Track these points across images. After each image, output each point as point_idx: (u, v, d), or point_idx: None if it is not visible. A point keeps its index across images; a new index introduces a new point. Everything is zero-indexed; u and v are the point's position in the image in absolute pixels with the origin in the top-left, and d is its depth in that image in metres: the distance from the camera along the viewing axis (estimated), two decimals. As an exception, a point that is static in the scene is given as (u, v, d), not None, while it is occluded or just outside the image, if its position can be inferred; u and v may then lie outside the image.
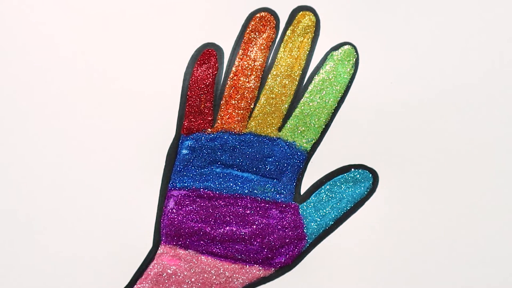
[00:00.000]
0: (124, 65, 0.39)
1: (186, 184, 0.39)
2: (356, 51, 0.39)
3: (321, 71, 0.39)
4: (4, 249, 0.39)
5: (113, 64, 0.39)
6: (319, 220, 0.38)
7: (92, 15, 0.39)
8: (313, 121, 0.39)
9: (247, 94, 0.39)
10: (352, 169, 0.39)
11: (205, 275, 0.38)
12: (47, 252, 0.38)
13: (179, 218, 0.38)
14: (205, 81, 0.39)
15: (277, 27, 0.39)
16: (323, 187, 0.39)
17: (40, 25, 0.39)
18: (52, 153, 0.39)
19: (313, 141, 0.39)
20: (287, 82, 0.39)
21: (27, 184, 0.39)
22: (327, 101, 0.39)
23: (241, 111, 0.39)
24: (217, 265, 0.38)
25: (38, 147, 0.39)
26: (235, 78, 0.39)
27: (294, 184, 0.39)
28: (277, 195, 0.39)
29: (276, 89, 0.39)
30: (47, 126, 0.39)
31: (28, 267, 0.39)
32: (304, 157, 0.39)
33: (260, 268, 0.38)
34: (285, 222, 0.38)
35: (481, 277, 0.39)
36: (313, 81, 0.39)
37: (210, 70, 0.39)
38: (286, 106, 0.39)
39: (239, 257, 0.38)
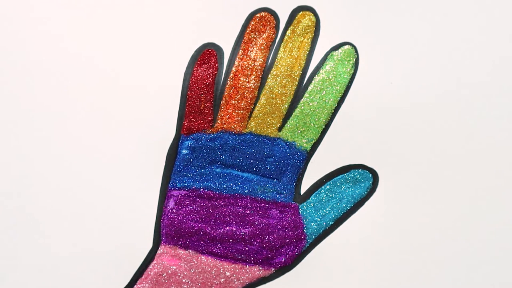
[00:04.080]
0: (124, 65, 0.39)
1: (186, 184, 0.39)
2: (356, 51, 0.39)
3: (321, 71, 0.39)
4: (5, 248, 0.39)
5: (113, 64, 0.39)
6: (319, 220, 0.38)
7: (92, 15, 0.39)
8: (313, 121, 0.39)
9: (247, 94, 0.39)
10: (352, 169, 0.39)
11: (205, 275, 0.38)
12: (47, 251, 0.38)
13: (179, 218, 0.38)
14: (205, 81, 0.39)
15: (277, 27, 0.39)
16: (323, 187, 0.39)
17: (40, 25, 0.39)
18: (52, 153, 0.39)
19: (313, 141, 0.39)
20: (287, 82, 0.39)
21: (27, 184, 0.39)
22: (327, 101, 0.39)
23: (241, 111, 0.39)
24: (217, 265, 0.38)
25: (38, 147, 0.39)
26: (235, 78, 0.39)
27: (294, 184, 0.39)
28: (277, 195, 0.39)
29: (276, 89, 0.39)
30: (47, 127, 0.39)
31: (28, 267, 0.38)
32: (304, 157, 0.39)
33: (260, 268, 0.38)
34: (285, 222, 0.38)
35: (481, 277, 0.39)
36: (313, 81, 0.39)
37: (210, 70, 0.39)
38: (286, 106, 0.39)
39: (239, 257, 0.38)
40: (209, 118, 0.39)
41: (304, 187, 0.39)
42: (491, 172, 0.39)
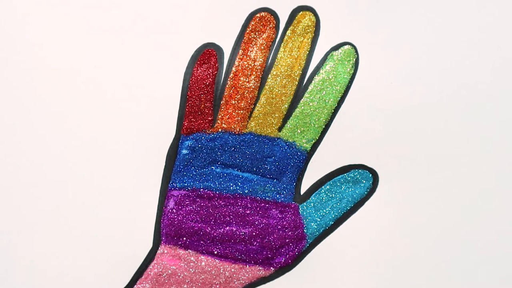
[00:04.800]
0: (124, 65, 0.39)
1: (186, 184, 0.39)
2: (356, 51, 0.39)
3: (321, 71, 0.39)
4: (5, 248, 0.39)
5: (113, 64, 0.39)
6: (319, 220, 0.38)
7: (93, 15, 0.39)
8: (313, 121, 0.39)
9: (247, 94, 0.39)
10: (352, 169, 0.39)
11: (205, 275, 0.38)
12: (47, 252, 0.38)
13: (179, 218, 0.38)
14: (205, 81, 0.39)
15: (277, 27, 0.39)
16: (323, 187, 0.39)
17: (40, 25, 0.39)
18: (52, 153, 0.39)
19: (313, 141, 0.39)
20: (287, 82, 0.39)
21: (27, 184, 0.39)
22: (327, 101, 0.39)
23: (241, 111, 0.39)
24: (217, 265, 0.38)
25: (38, 147, 0.39)
26: (235, 78, 0.39)
27: (294, 184, 0.39)
28: (277, 195, 0.39)
29: (276, 89, 0.39)
30: (47, 127, 0.39)
31: (28, 267, 0.39)
32: (304, 157, 0.39)
33: (260, 268, 0.38)
34: (285, 222, 0.38)
35: (481, 277, 0.39)
36: (313, 81, 0.39)
37: (210, 70, 0.39)
38: (286, 106, 0.39)
39: (239, 257, 0.38)
40: (209, 118, 0.39)
41: (304, 187, 0.39)
42: (492, 172, 0.39)
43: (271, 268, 0.38)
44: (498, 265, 0.39)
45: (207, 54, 0.39)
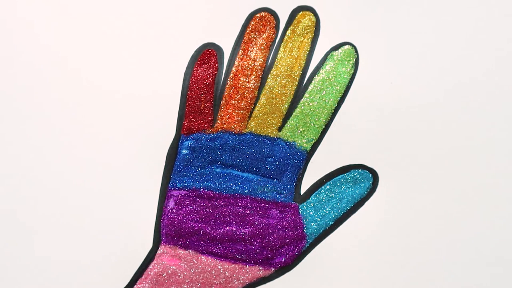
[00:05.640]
0: (124, 65, 0.39)
1: (186, 184, 0.39)
2: (356, 51, 0.39)
3: (321, 71, 0.39)
4: (5, 250, 0.39)
5: (113, 64, 0.39)
6: (319, 220, 0.38)
7: (93, 15, 0.39)
8: (313, 121, 0.39)
9: (247, 94, 0.39)
10: (352, 169, 0.39)
11: (205, 275, 0.38)
12: (47, 252, 0.38)
13: (179, 218, 0.38)
14: (205, 81, 0.39)
15: (277, 27, 0.39)
16: (323, 187, 0.39)
17: (41, 25, 0.39)
18: (52, 153, 0.39)
19: (313, 141, 0.39)
20: (287, 82, 0.39)
21: (27, 184, 0.39)
22: (327, 101, 0.39)
23: (241, 111, 0.39)
24: (217, 265, 0.38)
25: (38, 147, 0.39)
26: (235, 78, 0.39)
27: (294, 184, 0.39)
28: (277, 195, 0.39)
29: (276, 89, 0.39)
30: (47, 127, 0.39)
31: (29, 268, 0.39)
32: (304, 157, 0.39)
33: (260, 268, 0.38)
34: (285, 222, 0.38)
35: (481, 277, 0.39)
36: (313, 81, 0.39)
37: (210, 70, 0.39)
38: (286, 106, 0.39)
39: (239, 257, 0.38)
40: (209, 118, 0.39)
41: (304, 187, 0.39)
42: (492, 172, 0.39)
43: (271, 268, 0.38)
44: (498, 265, 0.39)
45: (207, 54, 0.39)
